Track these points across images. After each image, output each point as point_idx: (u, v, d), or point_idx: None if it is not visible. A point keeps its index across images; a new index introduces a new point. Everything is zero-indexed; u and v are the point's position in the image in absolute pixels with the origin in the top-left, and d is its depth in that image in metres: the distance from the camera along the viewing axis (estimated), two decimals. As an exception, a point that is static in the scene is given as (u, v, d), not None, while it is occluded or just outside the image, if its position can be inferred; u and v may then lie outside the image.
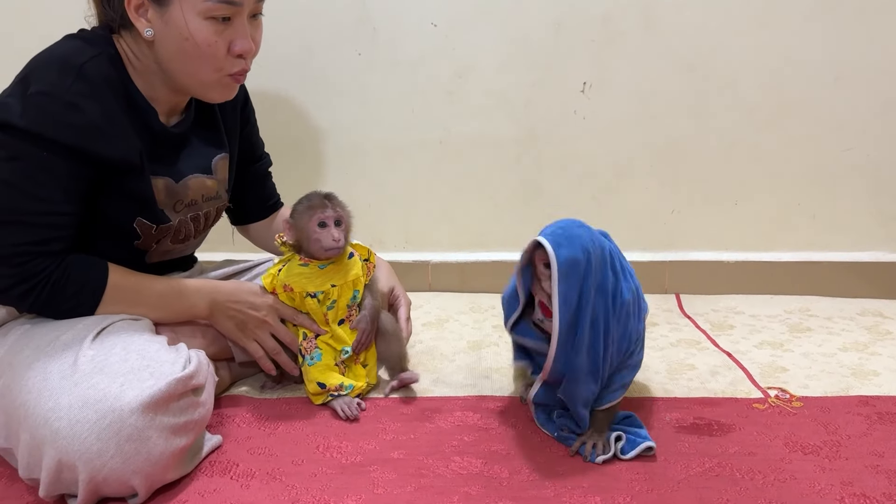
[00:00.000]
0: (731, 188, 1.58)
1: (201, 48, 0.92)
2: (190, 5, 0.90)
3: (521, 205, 1.62)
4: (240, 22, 0.94)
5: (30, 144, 0.86)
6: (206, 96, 1.00)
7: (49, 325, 0.91)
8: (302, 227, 1.02)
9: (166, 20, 0.91)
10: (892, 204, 1.57)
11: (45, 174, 0.87)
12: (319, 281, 1.03)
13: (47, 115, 0.86)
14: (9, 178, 0.87)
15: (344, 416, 1.02)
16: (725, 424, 1.00)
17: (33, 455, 0.78)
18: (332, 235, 1.01)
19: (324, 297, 1.04)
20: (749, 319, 1.45)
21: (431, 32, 1.52)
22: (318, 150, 1.59)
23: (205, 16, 0.91)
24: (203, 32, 0.92)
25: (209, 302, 1.01)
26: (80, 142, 0.88)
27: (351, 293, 1.06)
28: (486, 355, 1.27)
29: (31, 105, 0.86)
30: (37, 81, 0.87)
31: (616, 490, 0.83)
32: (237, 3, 0.92)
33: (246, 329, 1.03)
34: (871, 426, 0.99)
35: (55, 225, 0.89)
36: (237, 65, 0.97)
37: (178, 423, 0.82)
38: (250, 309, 1.03)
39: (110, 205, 0.95)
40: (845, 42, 1.49)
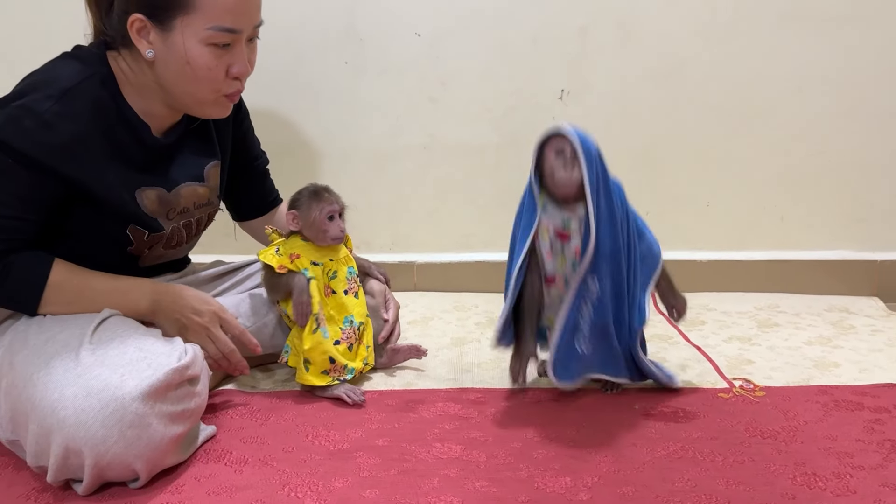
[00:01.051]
0: (703, 191, 1.65)
1: (201, 72, 0.98)
2: (192, 31, 0.95)
3: (502, 208, 1.67)
4: (238, 47, 1.00)
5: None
6: (202, 113, 1.05)
7: (42, 325, 0.96)
8: (312, 218, 1.11)
9: (168, 44, 0.96)
10: (856, 205, 1.64)
11: (6, 180, 0.92)
12: (318, 254, 1.13)
13: (20, 129, 0.90)
14: None
15: (351, 401, 1.09)
16: (691, 412, 1.06)
17: (41, 443, 0.83)
18: (339, 226, 1.12)
19: (324, 268, 1.13)
20: (720, 315, 1.52)
21: (416, 43, 1.59)
22: (307, 155, 1.65)
23: (206, 42, 0.96)
24: (204, 57, 0.97)
25: (152, 302, 1.04)
26: (47, 159, 0.92)
27: (346, 268, 1.15)
28: (468, 351, 1.33)
29: (8, 117, 0.91)
30: (23, 96, 0.92)
31: (585, 471, 0.90)
32: (237, 31, 0.98)
33: (187, 333, 1.04)
34: (828, 413, 1.06)
35: (7, 228, 0.94)
36: (234, 86, 1.02)
37: (175, 411, 0.87)
38: (193, 314, 1.05)
39: (97, 217, 1.00)
40: (810, 52, 1.57)
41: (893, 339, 1.38)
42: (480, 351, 1.33)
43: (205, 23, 0.95)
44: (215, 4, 0.95)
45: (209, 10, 0.95)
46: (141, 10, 0.96)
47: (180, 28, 0.95)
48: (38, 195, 0.94)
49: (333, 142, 1.65)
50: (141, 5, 0.96)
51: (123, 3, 0.97)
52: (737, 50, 1.57)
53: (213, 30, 0.96)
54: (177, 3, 0.94)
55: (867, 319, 1.49)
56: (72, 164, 0.94)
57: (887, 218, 1.64)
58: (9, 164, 0.91)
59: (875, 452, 0.94)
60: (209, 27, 0.95)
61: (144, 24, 0.97)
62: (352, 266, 1.17)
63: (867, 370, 1.22)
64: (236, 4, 0.96)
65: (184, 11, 0.95)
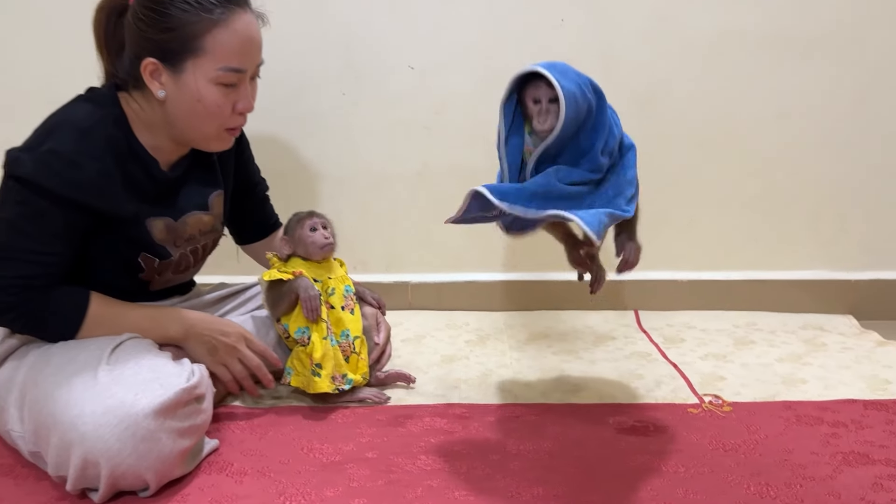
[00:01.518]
0: (683, 213, 1.73)
1: (210, 109, 1.07)
2: (202, 73, 1.05)
3: (492, 230, 1.75)
4: (243, 86, 1.09)
5: (34, 194, 1.00)
6: (206, 147, 1.15)
7: (64, 347, 1.04)
8: (297, 236, 1.21)
9: (179, 84, 1.06)
10: (829, 228, 1.72)
11: (43, 220, 1.01)
12: (317, 272, 1.23)
13: (52, 171, 1.00)
14: (14, 219, 1.01)
15: (374, 402, 1.23)
16: (661, 427, 1.14)
17: (62, 455, 0.91)
18: (322, 235, 1.21)
19: (323, 286, 1.22)
20: (699, 333, 1.60)
21: (410, 75, 1.68)
22: (307, 181, 1.74)
23: (215, 82, 1.06)
24: (213, 96, 1.07)
25: (184, 327, 1.13)
26: (78, 195, 1.01)
27: (343, 286, 1.24)
28: (456, 368, 1.41)
29: (39, 161, 1.00)
30: (49, 140, 1.01)
31: (556, 482, 0.98)
32: (243, 70, 1.08)
33: (216, 354, 1.14)
34: (788, 427, 1.14)
35: (44, 263, 1.02)
36: (238, 121, 1.12)
37: (183, 427, 0.95)
38: (221, 335, 1.15)
39: (114, 245, 1.09)
40: (786, 80, 1.65)
41: (861, 356, 1.45)
42: (469, 368, 1.41)
43: (214, 64, 1.05)
44: (223, 47, 1.05)
45: (218, 52, 1.05)
46: (154, 55, 1.05)
47: (191, 70, 1.05)
48: (70, 231, 1.03)
49: (332, 167, 1.73)
50: (154, 50, 1.05)
51: (136, 48, 1.07)
52: (715, 78, 1.65)
53: (221, 70, 1.06)
54: (188, 48, 1.04)
55: (839, 337, 1.57)
56: (98, 197, 1.03)
57: (861, 239, 1.72)
58: (44, 206, 1.00)
59: (826, 464, 1.01)
60: (218, 68, 1.05)
61: (157, 67, 1.06)
62: (348, 284, 1.26)
63: (832, 386, 1.30)
64: (241, 47, 1.06)
65: (194, 55, 1.04)
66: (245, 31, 1.07)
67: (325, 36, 1.65)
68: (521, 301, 1.78)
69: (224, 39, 1.05)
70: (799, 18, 1.61)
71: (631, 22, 1.62)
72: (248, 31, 1.07)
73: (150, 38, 1.05)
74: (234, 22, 1.05)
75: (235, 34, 1.05)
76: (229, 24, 1.05)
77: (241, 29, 1.06)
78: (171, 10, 1.03)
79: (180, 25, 1.03)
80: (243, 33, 1.06)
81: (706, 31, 1.62)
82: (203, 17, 1.03)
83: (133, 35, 1.07)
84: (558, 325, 1.67)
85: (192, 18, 1.03)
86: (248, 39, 1.07)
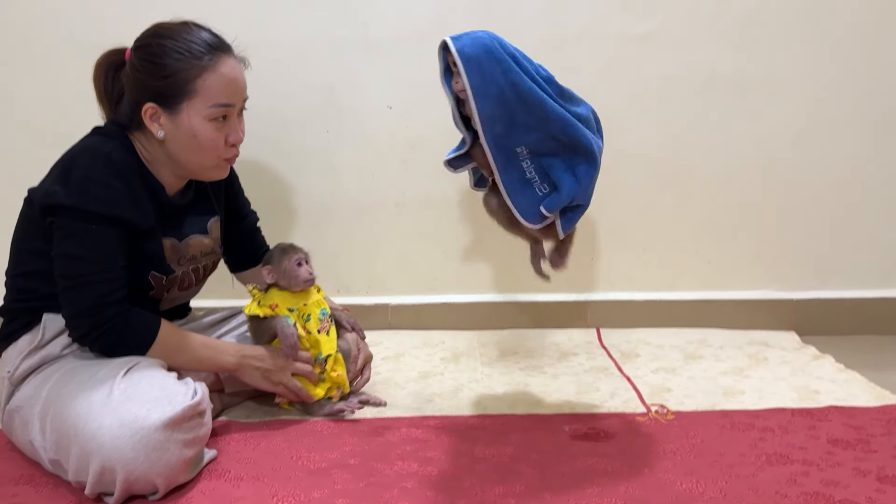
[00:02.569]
0: (639, 238, 1.89)
1: (205, 143, 1.22)
2: (196, 112, 1.20)
3: (465, 254, 1.91)
4: (232, 119, 1.25)
5: (77, 220, 1.14)
6: (205, 177, 1.30)
7: (83, 364, 1.17)
8: (284, 268, 1.33)
9: (176, 124, 1.21)
10: (774, 251, 1.88)
11: (96, 241, 1.15)
12: (293, 301, 1.35)
13: (88, 194, 1.14)
14: (70, 251, 1.15)
15: (350, 409, 1.37)
16: (610, 433, 1.28)
17: (81, 463, 1.04)
18: (307, 270, 1.34)
19: (298, 312, 1.34)
20: (654, 349, 1.75)
21: (388, 113, 1.83)
22: (293, 210, 1.88)
23: (208, 118, 1.21)
24: (207, 132, 1.22)
25: (236, 358, 1.29)
26: (115, 211, 1.16)
27: (319, 310, 1.36)
28: (431, 383, 1.55)
29: (74, 187, 1.14)
30: (75, 168, 1.15)
31: (515, 481, 1.11)
32: (232, 105, 1.23)
33: (270, 376, 1.30)
34: (723, 433, 1.28)
35: (112, 279, 1.16)
36: (231, 151, 1.27)
37: (188, 438, 1.08)
38: (270, 360, 1.31)
39: (131, 264, 1.22)
40: (729, 116, 1.81)
41: (797, 368, 1.61)
42: (443, 383, 1.55)
43: (206, 102, 1.20)
44: (213, 87, 1.20)
45: (208, 92, 1.20)
46: (152, 100, 1.21)
47: (186, 110, 1.20)
48: (119, 245, 1.17)
49: (316, 198, 1.87)
50: (152, 95, 1.20)
51: (135, 95, 1.22)
52: (665, 114, 1.82)
53: (213, 107, 1.21)
54: (183, 91, 1.19)
55: (781, 352, 1.72)
56: (132, 211, 1.18)
57: (801, 261, 1.89)
58: (91, 228, 1.14)
59: (751, 464, 1.16)
60: (210, 105, 1.21)
61: (156, 111, 1.21)
62: (324, 307, 1.38)
63: (766, 397, 1.45)
64: (228, 86, 1.22)
65: (188, 97, 1.20)
66: (230, 73, 1.23)
67: (310, 78, 1.80)
68: (493, 321, 1.92)
69: (213, 81, 1.20)
70: (741, 62, 1.78)
71: (590, 65, 1.79)
72: (232, 72, 1.23)
73: (148, 85, 1.20)
74: (220, 66, 1.21)
75: (222, 76, 1.21)
76: (217, 67, 1.21)
77: (227, 71, 1.22)
78: (166, 60, 1.18)
79: (174, 73, 1.19)
80: (229, 74, 1.22)
81: (656, 74, 1.79)
82: (194, 64, 1.19)
83: (132, 84, 1.22)
84: (527, 342, 1.81)
85: (185, 66, 1.19)
86: (233, 79, 1.23)
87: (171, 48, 1.19)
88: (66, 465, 1.07)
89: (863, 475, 1.12)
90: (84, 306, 1.15)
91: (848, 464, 1.15)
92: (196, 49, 1.20)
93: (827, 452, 1.19)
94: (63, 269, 1.16)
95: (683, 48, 1.78)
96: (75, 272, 1.15)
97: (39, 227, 1.18)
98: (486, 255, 1.90)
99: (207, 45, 1.21)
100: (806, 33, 1.76)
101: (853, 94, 1.79)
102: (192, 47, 1.20)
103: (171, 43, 1.20)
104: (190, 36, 1.21)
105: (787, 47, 1.77)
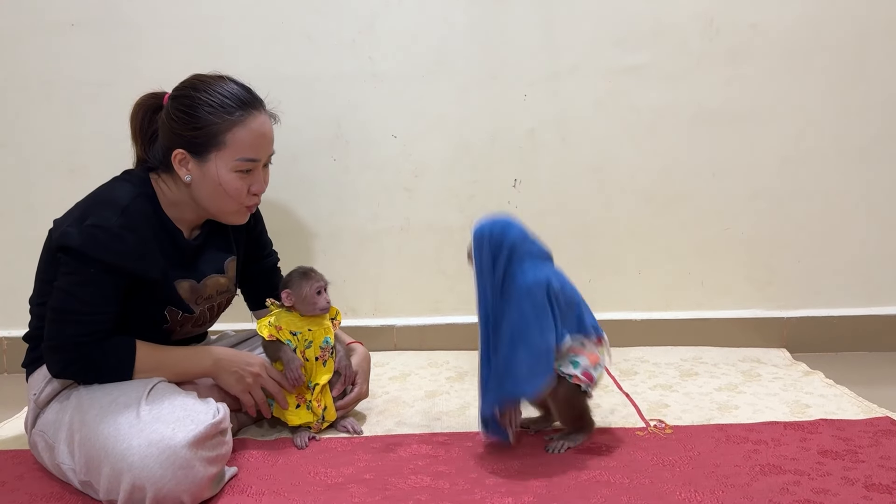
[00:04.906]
0: (635, 261, 1.97)
1: (230, 192, 1.29)
2: (223, 162, 1.27)
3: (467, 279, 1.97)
4: (257, 172, 1.31)
5: (82, 263, 1.19)
6: (226, 221, 1.36)
7: (103, 390, 1.21)
8: (303, 294, 1.37)
9: (203, 171, 1.27)
10: (763, 272, 1.96)
11: (92, 285, 1.20)
12: (300, 324, 1.39)
13: (98, 242, 1.19)
14: (66, 287, 1.20)
15: (300, 444, 1.37)
16: (611, 447, 1.35)
17: (112, 482, 1.09)
18: (325, 299, 1.39)
19: (301, 337, 1.38)
20: (651, 367, 1.81)
21: (392, 143, 1.91)
22: (302, 237, 1.95)
23: (234, 170, 1.27)
24: (232, 182, 1.28)
25: (213, 360, 1.33)
26: (119, 262, 1.21)
27: (323, 337, 1.40)
28: (438, 402, 1.61)
29: (86, 234, 1.19)
30: (92, 216, 1.21)
31: (524, 493, 1.17)
32: (257, 160, 1.30)
33: (243, 381, 1.33)
34: (718, 445, 1.35)
35: (97, 321, 1.21)
36: (253, 200, 1.33)
37: (212, 456, 1.14)
38: (246, 365, 1.34)
39: (146, 302, 1.29)
40: (718, 145, 1.90)
41: (789, 384, 1.68)
42: (449, 401, 1.61)
43: (233, 155, 1.27)
44: (241, 142, 1.27)
45: (237, 146, 1.27)
46: (183, 147, 1.27)
47: (214, 160, 1.27)
48: (116, 292, 1.23)
49: (324, 225, 1.95)
50: (183, 143, 1.27)
51: (168, 141, 1.29)
52: (658, 145, 1.90)
53: (239, 160, 1.27)
54: (213, 142, 1.26)
55: (773, 368, 1.79)
56: (138, 263, 1.23)
57: (791, 282, 1.96)
58: (92, 273, 1.19)
59: (746, 474, 1.23)
60: (237, 158, 1.27)
61: (185, 157, 1.28)
62: (329, 336, 1.41)
63: (760, 411, 1.51)
64: (256, 141, 1.29)
65: (217, 148, 1.26)
66: (259, 129, 1.29)
67: (318, 110, 1.88)
68: (494, 341, 1.98)
69: (242, 136, 1.27)
70: (729, 94, 1.87)
71: (584, 99, 1.87)
72: (262, 128, 1.29)
73: (180, 133, 1.27)
74: (250, 122, 1.27)
75: (252, 132, 1.27)
76: (247, 123, 1.27)
77: (257, 127, 1.28)
78: (200, 112, 1.25)
79: (206, 125, 1.25)
80: (258, 130, 1.28)
81: (647, 107, 1.88)
82: (226, 119, 1.25)
83: (166, 130, 1.29)
84: (528, 362, 1.87)
85: (217, 120, 1.25)
86: (262, 135, 1.29)
87: (204, 101, 1.26)
88: (96, 485, 1.12)
89: (851, 483, 1.18)
90: (61, 340, 1.20)
91: (837, 473, 1.22)
92: (228, 104, 1.26)
93: (817, 463, 1.26)
94: (55, 301, 1.21)
95: (673, 81, 1.87)
96: (64, 307, 1.20)
97: (56, 260, 1.24)
98: (487, 278, 1.97)
99: (239, 101, 1.27)
100: (791, 67, 1.86)
101: (835, 125, 1.89)
102: (224, 102, 1.26)
103: (205, 96, 1.26)
104: (223, 91, 1.27)
105: (773, 80, 1.87)
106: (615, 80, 1.87)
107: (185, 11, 1.82)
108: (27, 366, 1.33)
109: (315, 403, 1.40)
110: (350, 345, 1.52)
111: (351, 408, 1.48)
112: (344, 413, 1.46)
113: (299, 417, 1.40)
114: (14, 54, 1.83)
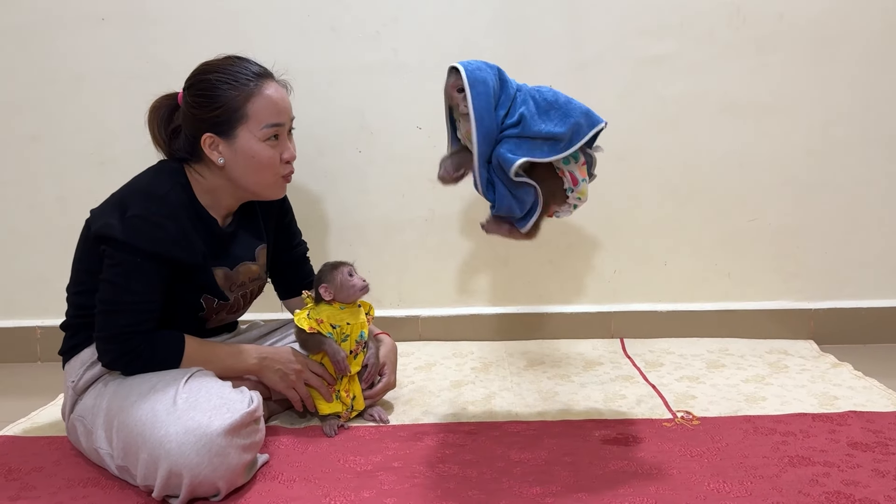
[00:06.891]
0: (660, 252, 1.96)
1: (264, 161, 1.32)
2: (251, 134, 1.30)
3: (491, 269, 1.99)
4: (283, 138, 1.35)
5: (127, 253, 1.22)
6: (266, 195, 1.39)
7: (142, 377, 1.24)
8: (339, 282, 1.38)
9: (234, 149, 1.31)
10: (790, 263, 1.95)
11: (138, 274, 1.24)
12: (339, 318, 1.40)
13: (140, 232, 1.23)
14: (113, 278, 1.23)
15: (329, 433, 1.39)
16: (639, 438, 1.35)
17: (149, 468, 1.12)
18: (360, 278, 1.40)
19: (340, 331, 1.39)
20: (677, 358, 1.81)
21: (417, 134, 1.91)
22: (328, 228, 1.97)
23: (263, 139, 1.31)
24: (264, 152, 1.32)
25: (258, 359, 1.37)
26: (162, 250, 1.24)
27: (359, 332, 1.42)
28: (464, 392, 1.62)
29: (128, 225, 1.22)
30: (132, 207, 1.24)
31: (551, 482, 1.18)
32: (281, 124, 1.33)
33: (287, 379, 1.37)
34: (746, 437, 1.34)
35: (145, 310, 1.25)
36: (287, 168, 1.37)
37: (246, 443, 1.16)
38: (289, 363, 1.38)
39: (184, 289, 1.31)
40: (745, 136, 1.89)
41: (817, 376, 1.67)
42: (475, 391, 1.62)
43: (258, 124, 1.30)
44: (263, 109, 1.31)
45: (259, 114, 1.30)
46: (210, 130, 1.30)
47: (241, 135, 1.30)
48: (161, 280, 1.26)
49: (349, 216, 1.96)
50: (209, 127, 1.30)
51: (193, 129, 1.32)
52: (683, 135, 1.89)
53: (265, 128, 1.31)
54: (237, 117, 1.29)
55: (800, 360, 1.78)
56: (179, 251, 1.26)
57: (817, 273, 1.95)
58: (138, 263, 1.22)
59: (775, 465, 1.22)
60: (262, 126, 1.30)
61: (214, 140, 1.30)
62: (364, 331, 1.43)
63: (787, 403, 1.51)
64: (275, 106, 1.32)
65: (242, 122, 1.30)
66: (275, 94, 1.33)
67: (343, 102, 1.89)
68: (520, 332, 2.00)
69: (262, 104, 1.30)
70: (755, 85, 1.86)
71: (609, 89, 1.87)
72: (277, 93, 1.34)
73: (203, 118, 1.30)
74: (266, 89, 1.32)
75: (269, 98, 1.31)
76: (263, 91, 1.31)
77: (272, 93, 1.32)
78: (217, 92, 1.29)
79: (226, 101, 1.29)
80: (274, 96, 1.33)
81: (673, 97, 1.87)
82: (242, 91, 1.29)
83: (189, 120, 1.32)
84: (553, 352, 1.88)
85: (234, 93, 1.29)
86: (279, 99, 1.33)
87: (218, 80, 1.30)
88: (133, 470, 1.15)
89: (881, 475, 1.18)
90: (115, 331, 1.23)
91: (867, 465, 1.21)
92: (242, 77, 1.30)
93: (847, 455, 1.25)
94: (103, 293, 1.24)
95: (699, 71, 1.85)
96: (113, 298, 1.23)
97: (95, 250, 1.27)
98: (510, 269, 1.98)
99: (251, 73, 1.31)
100: (818, 57, 1.84)
101: (863, 116, 1.86)
102: (238, 76, 1.30)
103: (218, 76, 1.30)
104: (234, 67, 1.31)
105: (800, 71, 1.85)
106: (640, 70, 1.86)
107: (212, 5, 1.84)
108: (64, 353, 1.36)
109: (344, 393, 1.42)
110: (377, 336, 1.54)
111: (379, 397, 1.50)
112: (372, 402, 1.48)
113: (329, 407, 1.41)
114: (46, 49, 1.86)
